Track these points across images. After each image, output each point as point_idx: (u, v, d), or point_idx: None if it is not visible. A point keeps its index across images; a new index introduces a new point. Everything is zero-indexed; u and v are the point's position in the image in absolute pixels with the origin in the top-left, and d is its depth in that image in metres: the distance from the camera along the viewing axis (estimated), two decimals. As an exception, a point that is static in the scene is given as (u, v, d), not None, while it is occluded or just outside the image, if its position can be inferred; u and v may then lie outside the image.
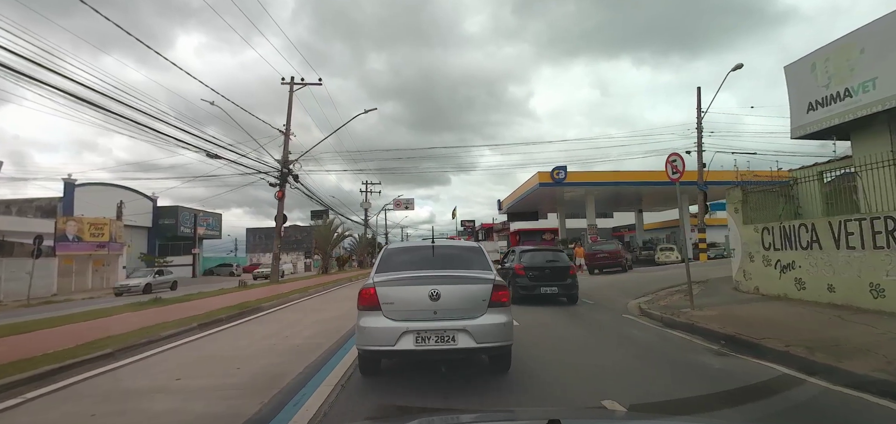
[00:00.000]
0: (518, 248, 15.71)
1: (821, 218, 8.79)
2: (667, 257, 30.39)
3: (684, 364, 5.40)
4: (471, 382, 4.57)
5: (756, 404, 3.72)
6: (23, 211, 31.74)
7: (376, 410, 3.92)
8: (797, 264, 9.14)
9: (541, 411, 2.28)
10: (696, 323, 7.41)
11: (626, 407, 3.66)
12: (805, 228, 8.98)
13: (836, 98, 9.64)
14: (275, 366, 5.34)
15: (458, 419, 2.31)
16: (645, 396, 4.12)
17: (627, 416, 2.29)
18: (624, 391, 4.22)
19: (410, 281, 4.38)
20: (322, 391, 4.27)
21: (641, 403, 3.84)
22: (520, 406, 3.92)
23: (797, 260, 9.13)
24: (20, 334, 7.49)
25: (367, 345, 4.29)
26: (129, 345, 6.32)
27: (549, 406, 3.81)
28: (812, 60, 10.24)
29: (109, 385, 4.77)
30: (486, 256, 5.26)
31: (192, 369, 5.35)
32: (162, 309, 11.00)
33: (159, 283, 26.18)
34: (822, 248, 8.55)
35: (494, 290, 4.34)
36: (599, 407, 3.73)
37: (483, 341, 4.15)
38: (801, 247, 9.06)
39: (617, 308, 10.36)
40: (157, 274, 27.44)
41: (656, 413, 3.66)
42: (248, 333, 8.00)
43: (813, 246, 8.75)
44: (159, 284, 25.99)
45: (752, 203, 11.04)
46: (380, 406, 3.97)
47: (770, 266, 9.85)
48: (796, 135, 10.64)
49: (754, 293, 10.26)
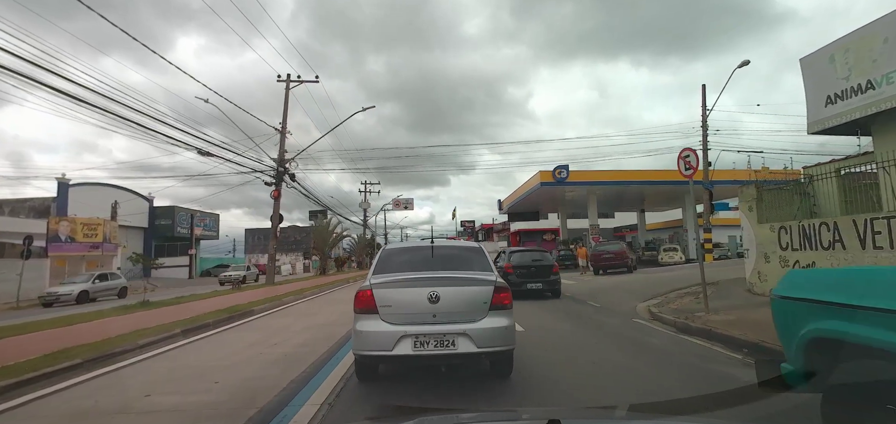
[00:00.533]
0: (507, 249, 17.16)
1: (844, 217, 8.27)
2: (671, 258, 29.91)
3: (712, 377, 4.87)
4: (476, 388, 4.34)
5: (756, 404, 3.65)
6: (16, 211, 31.23)
7: (376, 410, 3.88)
8: (817, 265, 8.62)
9: (541, 411, 2.26)
10: (713, 329, 6.91)
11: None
12: (826, 227, 8.48)
13: (857, 90, 9.15)
14: (257, 379, 4.83)
15: (457, 419, 2.24)
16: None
17: (627, 416, 2.24)
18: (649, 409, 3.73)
19: (408, 282, 4.21)
20: (306, 411, 3.77)
21: (641, 403, 3.84)
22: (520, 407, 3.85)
23: (818, 261, 8.62)
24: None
25: (364, 350, 4.09)
26: (101, 354, 5.81)
27: (549, 407, 3.81)
28: (830, 51, 9.74)
29: (67, 405, 4.24)
30: (487, 256, 5.07)
31: (165, 383, 4.84)
32: (149, 312, 10.50)
33: (100, 290, 22.00)
34: (845, 248, 8.05)
35: (496, 292, 4.15)
36: (600, 407, 3.75)
37: (484, 345, 3.96)
38: (821, 248, 8.56)
39: (625, 311, 9.85)
40: (98, 279, 22.68)
41: (656, 413, 3.64)
42: (234, 340, 7.49)
43: (835, 246, 8.25)
44: (101, 291, 22.00)
45: (767, 201, 10.53)
46: (379, 406, 3.93)
47: (788, 267, 9.32)
48: (813, 130, 10.14)
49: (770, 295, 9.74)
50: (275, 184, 21.18)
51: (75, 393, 4.55)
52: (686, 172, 8.84)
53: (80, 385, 4.76)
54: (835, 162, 10.20)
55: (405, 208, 52.19)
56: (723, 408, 3.88)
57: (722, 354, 5.81)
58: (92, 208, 31.01)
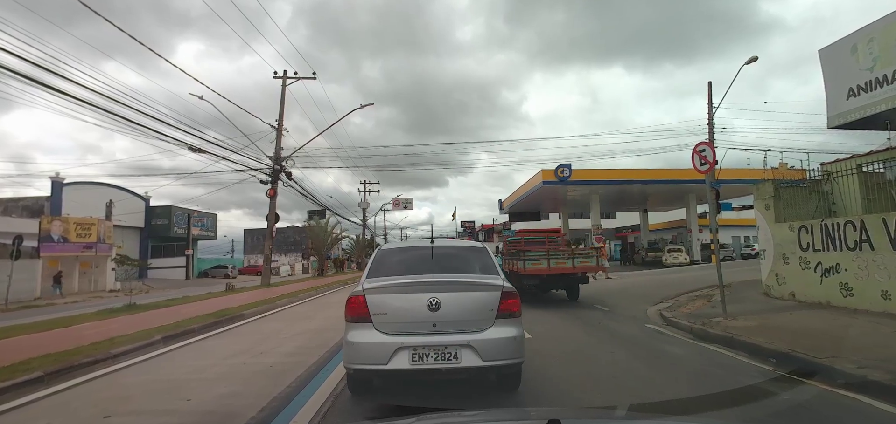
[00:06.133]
0: (491, 246, 17.22)
1: (873, 216, 7.73)
2: (675, 259, 29.36)
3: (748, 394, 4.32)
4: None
5: (756, 404, 3.57)
6: (9, 210, 30.66)
7: (376, 410, 3.74)
8: (842, 267, 8.10)
9: (541, 411, 2.16)
10: (734, 337, 6.38)
11: None
12: (852, 226, 7.94)
13: (883, 82, 8.64)
14: (234, 396, 4.30)
15: (457, 418, 2.20)
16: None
17: (627, 416, 2.13)
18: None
19: (405, 287, 3.83)
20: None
21: (641, 403, 3.77)
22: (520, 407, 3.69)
23: (842, 263, 8.10)
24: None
25: (356, 364, 3.69)
26: (67, 366, 5.26)
27: (549, 407, 3.66)
28: (853, 41, 9.23)
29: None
30: (492, 257, 4.58)
31: (130, 400, 4.32)
32: (132, 316, 9.94)
33: None
34: (873, 249, 7.52)
35: (503, 298, 3.74)
36: (600, 407, 3.69)
37: (490, 358, 3.57)
38: (847, 248, 8.02)
39: (636, 315, 9.33)
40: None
41: (656, 412, 3.58)
42: (218, 348, 6.94)
43: (863, 246, 7.72)
44: None
45: (785, 199, 9.99)
46: (379, 406, 3.78)
47: (809, 269, 8.80)
48: (834, 123, 9.64)
49: (789, 298, 9.21)
50: (271, 182, 20.65)
51: (22, 416, 3.99)
52: (701, 168, 8.29)
53: (31, 405, 4.19)
54: (856, 157, 9.67)
55: (405, 208, 51.56)
56: (723, 408, 3.82)
57: (750, 365, 5.27)
58: (87, 208, 30.41)
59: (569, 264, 11.73)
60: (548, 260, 11.66)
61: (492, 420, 2.12)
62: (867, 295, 7.59)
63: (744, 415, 3.58)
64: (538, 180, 29.65)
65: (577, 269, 11.81)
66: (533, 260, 11.82)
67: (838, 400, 3.94)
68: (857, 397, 3.93)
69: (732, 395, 4.05)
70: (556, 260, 11.73)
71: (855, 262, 7.84)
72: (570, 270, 11.73)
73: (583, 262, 11.99)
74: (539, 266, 11.65)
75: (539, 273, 11.57)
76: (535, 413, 2.67)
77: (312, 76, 22.64)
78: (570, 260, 11.83)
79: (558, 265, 11.64)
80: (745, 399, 3.88)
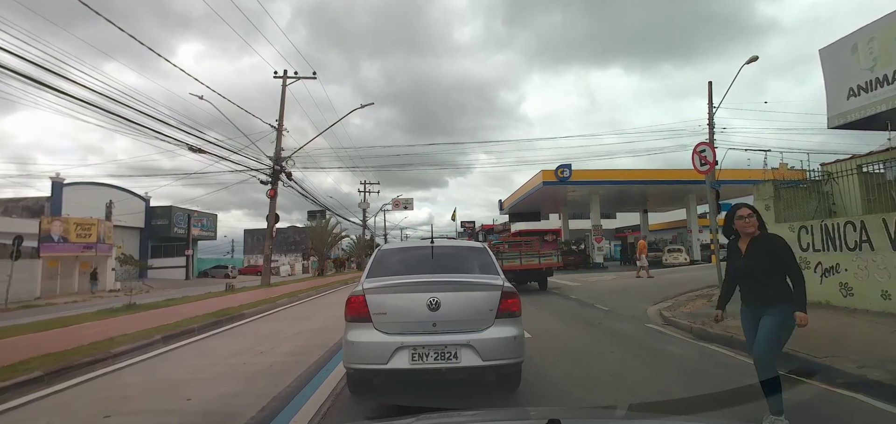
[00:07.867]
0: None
1: (873, 216, 7.72)
2: (675, 259, 29.37)
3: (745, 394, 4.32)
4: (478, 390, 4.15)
5: (757, 404, 3.53)
6: (9, 211, 30.67)
7: (376, 410, 3.77)
8: (842, 267, 8.10)
9: (541, 411, 2.16)
10: (734, 336, 6.35)
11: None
12: (852, 227, 7.93)
13: (883, 82, 8.64)
14: (235, 396, 4.31)
15: (457, 418, 2.20)
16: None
17: (627, 416, 2.14)
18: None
19: (405, 287, 3.85)
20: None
21: (641, 402, 3.78)
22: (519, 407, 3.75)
23: (842, 263, 8.09)
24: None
25: (355, 363, 3.72)
26: (66, 366, 5.26)
27: (549, 406, 3.72)
28: (853, 41, 9.23)
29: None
30: (493, 257, 4.60)
31: (130, 401, 4.32)
32: (133, 316, 9.95)
33: None
34: (874, 249, 7.51)
35: (503, 298, 3.76)
36: (599, 407, 3.73)
37: (490, 358, 3.58)
38: (847, 248, 8.02)
39: (636, 315, 9.32)
40: None
41: (656, 412, 3.59)
42: (218, 348, 6.95)
43: (863, 247, 7.71)
44: None
45: (785, 199, 9.98)
46: (379, 406, 3.81)
47: (809, 269, 8.77)
48: (834, 123, 9.63)
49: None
50: (271, 182, 20.65)
51: (22, 416, 3.99)
52: (701, 168, 8.31)
53: (31, 404, 4.20)
54: (856, 158, 9.66)
55: (405, 208, 51.55)
56: (723, 408, 3.86)
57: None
58: (87, 208, 30.41)
59: (536, 261, 14.74)
60: (520, 259, 14.62)
61: (492, 420, 2.13)
62: (867, 295, 7.59)
63: (744, 415, 3.58)
64: (538, 180, 29.65)
65: (542, 265, 14.88)
66: (509, 259, 14.35)
67: (838, 400, 3.96)
68: (856, 396, 3.95)
69: (732, 395, 4.07)
70: (526, 258, 14.73)
71: (855, 262, 7.84)
72: (537, 266, 14.81)
73: (547, 260, 15.04)
74: (513, 263, 14.30)
75: (513, 269, 13.91)
76: (535, 412, 2.68)
77: (312, 76, 22.67)
78: (537, 258, 14.80)
79: (528, 262, 14.66)
80: (745, 399, 3.89)
